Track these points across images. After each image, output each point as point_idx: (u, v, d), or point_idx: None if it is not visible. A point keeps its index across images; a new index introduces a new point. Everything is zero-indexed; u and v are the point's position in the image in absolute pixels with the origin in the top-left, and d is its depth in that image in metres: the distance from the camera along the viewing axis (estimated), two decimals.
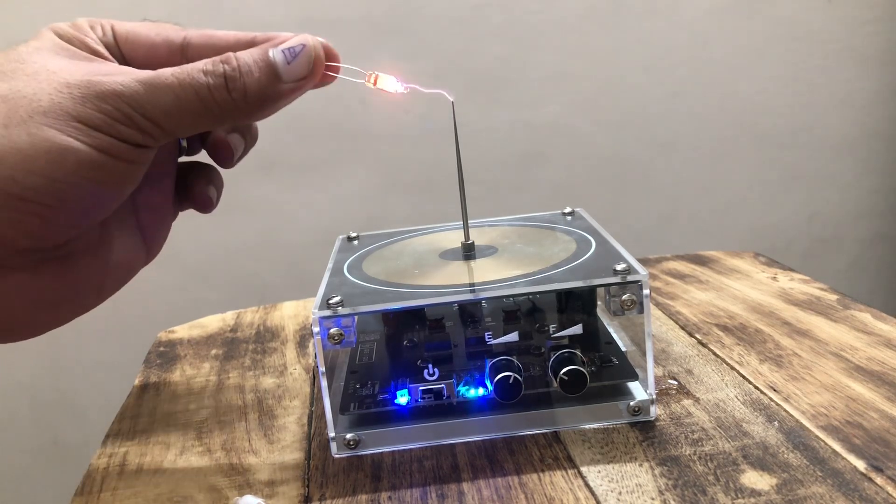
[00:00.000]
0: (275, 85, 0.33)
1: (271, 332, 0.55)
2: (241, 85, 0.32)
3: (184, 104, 0.31)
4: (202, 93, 0.31)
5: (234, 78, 0.32)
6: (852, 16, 1.07)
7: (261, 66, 0.32)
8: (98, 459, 0.38)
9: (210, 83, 0.31)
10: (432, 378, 0.36)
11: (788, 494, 0.29)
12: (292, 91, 0.33)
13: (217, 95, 0.32)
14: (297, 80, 0.33)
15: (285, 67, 0.33)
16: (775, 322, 0.47)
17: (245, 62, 0.32)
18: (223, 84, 0.32)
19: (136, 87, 0.31)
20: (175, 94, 0.31)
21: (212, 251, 1.05)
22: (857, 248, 1.16)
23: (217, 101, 0.32)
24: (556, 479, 0.32)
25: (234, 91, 0.32)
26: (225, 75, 0.32)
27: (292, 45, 0.33)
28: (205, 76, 0.32)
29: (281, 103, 0.34)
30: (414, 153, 1.04)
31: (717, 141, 1.09)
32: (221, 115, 0.32)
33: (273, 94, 0.33)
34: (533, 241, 0.44)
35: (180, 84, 0.31)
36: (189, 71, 0.32)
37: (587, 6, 1.03)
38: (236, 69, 0.32)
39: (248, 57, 0.33)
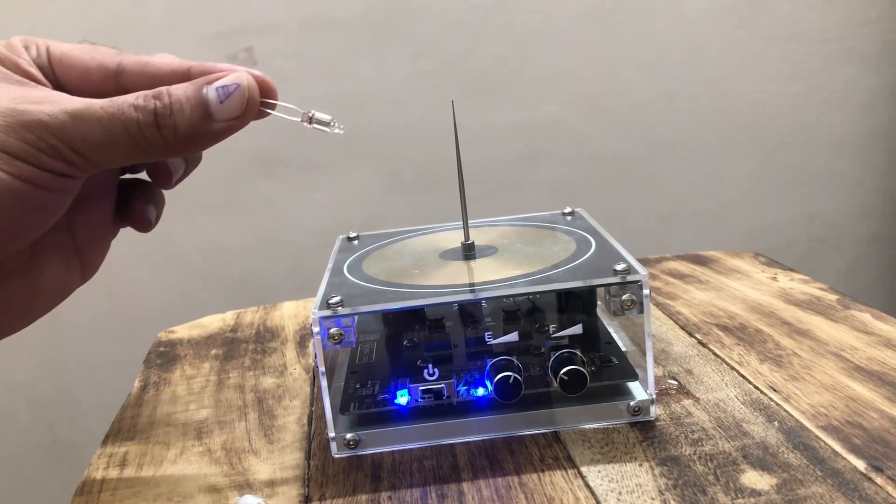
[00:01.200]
0: (206, 123, 0.32)
1: (271, 332, 0.55)
2: (171, 122, 0.31)
3: (112, 138, 0.30)
4: (131, 128, 0.31)
5: (165, 115, 0.31)
6: (852, 16, 1.07)
7: (193, 104, 0.32)
8: (98, 459, 0.38)
9: (140, 119, 0.31)
10: (432, 378, 0.36)
11: (788, 494, 0.29)
12: (224, 130, 0.33)
13: (146, 132, 0.31)
14: (229, 120, 0.32)
15: (217, 106, 0.32)
16: (775, 322, 0.47)
17: (177, 98, 0.31)
18: (153, 121, 0.31)
19: (63, 118, 0.30)
20: (103, 128, 0.30)
21: (212, 251, 1.05)
22: (857, 248, 1.16)
23: (146, 138, 0.31)
24: (556, 479, 0.32)
25: (163, 128, 0.31)
26: (155, 112, 0.31)
27: (226, 84, 0.32)
28: (135, 111, 0.31)
29: (212, 142, 0.33)
30: (414, 153, 1.04)
31: (716, 141, 1.09)
32: (150, 151, 0.32)
33: (204, 132, 0.32)
34: (533, 241, 0.44)
35: (109, 118, 0.30)
36: (120, 104, 0.31)
37: (587, 6, 1.03)
38: (167, 106, 0.31)
39: (180, 93, 0.32)
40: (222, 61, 0.89)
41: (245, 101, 0.33)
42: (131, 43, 0.99)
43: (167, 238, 1.03)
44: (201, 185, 1.06)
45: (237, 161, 1.02)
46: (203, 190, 1.03)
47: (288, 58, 1.00)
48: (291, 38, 1.00)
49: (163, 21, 0.99)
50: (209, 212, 1.03)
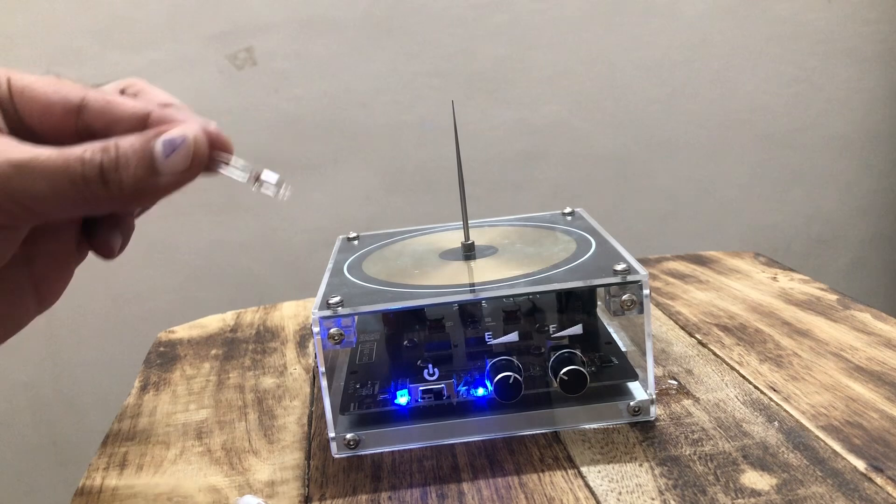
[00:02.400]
0: (152, 178, 0.31)
1: (271, 332, 0.55)
2: (117, 178, 0.31)
3: (57, 191, 0.30)
4: (77, 182, 0.30)
5: (111, 169, 0.30)
6: (852, 16, 1.07)
7: (139, 158, 0.31)
8: (98, 459, 0.38)
9: (86, 173, 0.30)
10: (432, 378, 0.36)
11: (788, 494, 0.29)
12: (170, 185, 0.32)
13: (92, 186, 0.30)
14: (175, 174, 0.32)
15: (163, 160, 0.31)
16: (775, 322, 0.47)
17: (124, 152, 0.31)
18: (98, 175, 0.30)
19: (6, 170, 0.29)
20: (49, 181, 0.30)
21: (212, 251, 1.05)
22: (857, 248, 1.16)
23: (92, 192, 0.30)
24: (556, 479, 0.32)
25: (109, 183, 0.30)
26: (101, 166, 0.30)
27: (172, 137, 0.32)
28: (82, 165, 0.30)
29: (159, 196, 0.32)
30: (414, 153, 1.04)
31: (717, 141, 1.09)
32: (96, 205, 0.31)
33: (149, 187, 0.31)
34: (533, 241, 0.44)
35: (55, 171, 0.30)
36: (67, 157, 0.30)
37: (587, 6, 1.03)
38: (114, 160, 0.30)
39: (128, 146, 0.31)
40: (222, 61, 0.90)
41: (191, 156, 0.32)
42: (131, 43, 0.99)
43: (167, 238, 1.03)
44: (201, 185, 1.06)
45: None
46: (203, 190, 1.02)
47: (288, 58, 1.00)
48: (291, 38, 1.00)
49: (163, 21, 0.99)
50: (209, 212, 1.03)
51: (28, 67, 1.03)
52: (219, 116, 0.81)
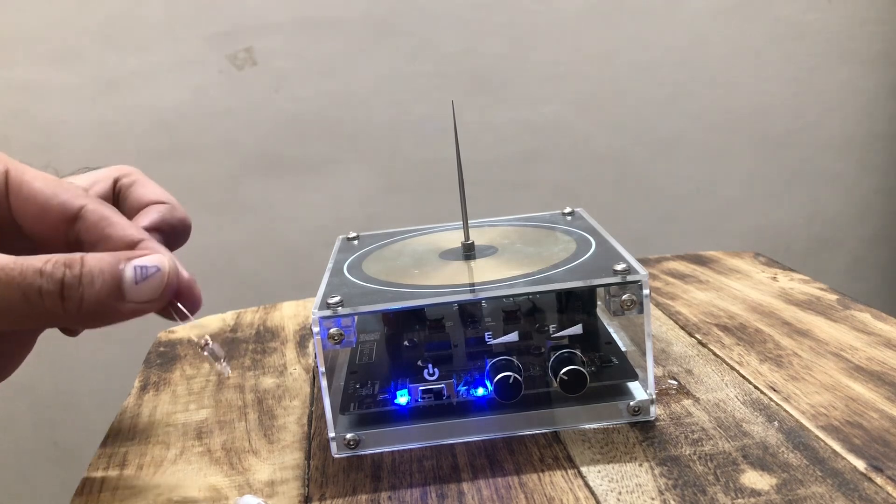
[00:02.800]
0: (115, 302, 0.30)
1: (271, 332, 0.55)
2: (77, 294, 0.29)
3: (8, 304, 0.28)
4: (31, 296, 0.28)
5: (73, 286, 0.29)
6: (852, 16, 1.07)
7: (105, 279, 0.29)
8: (98, 460, 0.38)
9: (42, 286, 0.28)
10: (432, 378, 0.36)
11: (788, 494, 0.29)
12: (131, 312, 0.30)
13: (47, 302, 0.28)
14: (140, 303, 0.30)
15: (132, 286, 0.30)
16: (775, 322, 0.47)
17: (89, 270, 0.29)
18: (58, 291, 0.29)
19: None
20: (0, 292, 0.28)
21: (212, 251, 1.05)
22: (857, 248, 1.16)
23: (45, 307, 0.29)
24: (556, 479, 0.32)
25: (67, 300, 0.29)
26: (63, 281, 0.29)
27: (146, 265, 0.30)
28: (40, 277, 0.28)
29: (114, 321, 0.31)
30: (414, 153, 1.04)
31: (717, 141, 1.09)
32: (47, 321, 0.30)
33: (110, 310, 0.30)
34: (533, 241, 0.43)
35: (8, 282, 0.28)
36: (25, 268, 0.28)
37: (587, 6, 1.03)
38: (77, 276, 0.29)
39: (94, 263, 0.29)
40: (222, 61, 0.90)
41: (162, 288, 0.30)
42: (131, 43, 0.99)
43: None
44: (201, 185, 1.06)
45: (237, 161, 1.02)
46: (203, 190, 1.03)
47: (288, 58, 1.00)
48: (291, 38, 1.00)
49: (163, 21, 0.99)
50: (209, 212, 1.03)
51: (28, 67, 1.03)
52: (219, 116, 0.81)
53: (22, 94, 1.00)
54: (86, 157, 1.02)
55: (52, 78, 1.00)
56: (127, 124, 1.01)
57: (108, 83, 1.00)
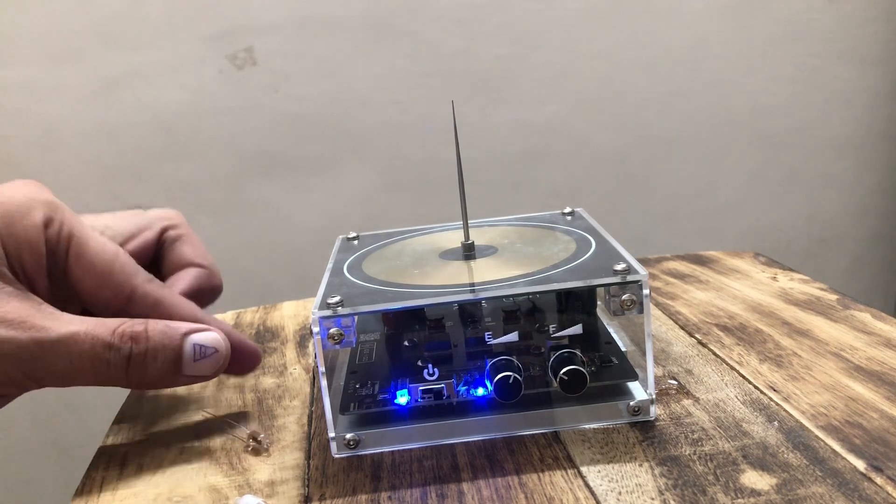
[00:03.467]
0: (171, 374, 0.32)
1: (271, 332, 0.55)
2: (141, 369, 0.31)
3: (74, 371, 0.30)
4: (99, 367, 0.30)
5: (138, 362, 0.31)
6: (852, 16, 1.07)
7: (167, 354, 0.32)
8: (98, 459, 0.38)
9: (111, 360, 0.30)
10: (432, 378, 0.36)
11: (788, 494, 0.29)
12: (183, 383, 0.33)
13: (113, 372, 0.31)
14: (195, 377, 0.33)
15: (190, 363, 0.32)
16: (775, 322, 0.47)
17: (154, 347, 0.31)
18: (124, 364, 0.31)
19: (31, 349, 0.29)
20: (70, 361, 0.30)
21: (212, 251, 1.04)
22: (857, 248, 1.16)
23: (110, 376, 0.31)
24: (556, 479, 0.32)
25: (132, 374, 0.31)
26: (130, 357, 0.31)
27: (205, 344, 0.32)
28: (108, 351, 0.30)
29: (168, 387, 0.34)
30: (414, 153, 1.04)
31: (717, 141, 1.09)
32: (107, 383, 0.32)
33: (167, 381, 0.32)
34: (533, 241, 0.44)
35: (80, 353, 0.30)
36: (94, 341, 0.30)
37: (587, 6, 1.03)
38: (142, 353, 0.31)
39: (159, 339, 0.31)
40: (222, 61, 0.90)
41: (217, 367, 0.33)
42: (131, 43, 0.99)
43: None
44: (201, 185, 1.06)
45: (237, 161, 1.02)
46: (203, 190, 1.03)
47: (288, 58, 1.00)
48: (291, 38, 1.00)
49: (162, 21, 0.99)
50: (209, 212, 1.03)
51: (27, 68, 1.03)
52: (219, 116, 0.82)
53: (22, 94, 1.00)
54: (86, 156, 1.02)
55: (52, 78, 1.00)
56: (127, 124, 1.01)
57: (108, 83, 1.00)
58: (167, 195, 1.01)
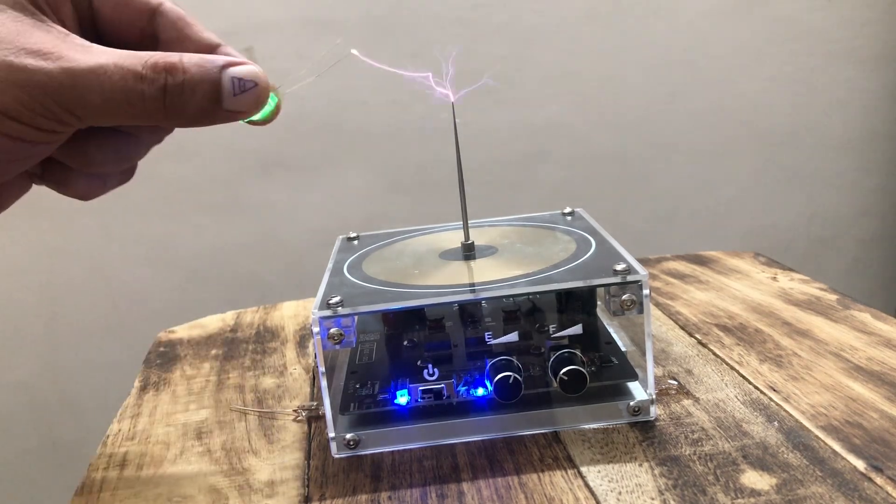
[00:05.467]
0: (211, 108, 0.31)
1: (271, 332, 0.55)
2: (179, 102, 0.30)
3: (110, 104, 0.29)
4: (133, 99, 0.30)
5: (175, 94, 0.30)
6: (852, 16, 1.07)
7: (206, 89, 0.31)
8: (98, 459, 0.38)
9: (145, 91, 0.30)
10: (432, 378, 0.36)
11: (788, 494, 0.29)
12: (223, 118, 0.32)
13: (150, 105, 0.30)
14: (235, 112, 0.32)
15: (230, 97, 0.31)
16: (775, 322, 0.47)
17: (191, 79, 0.30)
18: (160, 96, 0.30)
19: (61, 78, 0.29)
20: (102, 93, 0.29)
21: (212, 251, 1.05)
22: (857, 248, 1.16)
23: (147, 109, 0.30)
24: (556, 479, 0.32)
25: (170, 105, 0.30)
26: (165, 87, 0.30)
27: (244, 78, 0.31)
28: (141, 82, 0.29)
29: (208, 125, 0.32)
30: (414, 153, 1.04)
31: (717, 141, 1.09)
32: (146, 119, 0.31)
33: (205, 116, 0.31)
34: (533, 241, 0.44)
35: (111, 85, 0.29)
36: (125, 73, 0.29)
37: (587, 6, 1.03)
38: (180, 85, 0.30)
39: (196, 72, 0.30)
40: None
41: (257, 101, 0.32)
42: None
43: (167, 238, 1.03)
44: (201, 185, 1.06)
45: (237, 161, 1.02)
46: (203, 190, 1.03)
47: (288, 58, 1.00)
48: (291, 38, 1.00)
49: None
50: (209, 212, 1.03)
51: None
52: None
53: None
54: None
55: None
56: None
57: None
58: (167, 195, 1.01)
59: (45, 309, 1.05)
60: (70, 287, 1.04)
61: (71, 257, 1.03)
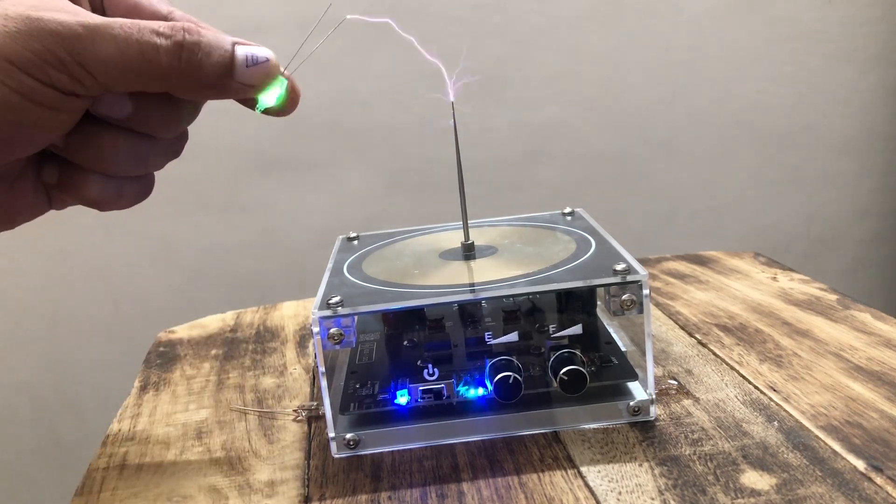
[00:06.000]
0: (223, 77, 0.32)
1: (271, 332, 0.55)
2: (195, 59, 0.31)
3: (125, 59, 0.30)
4: (148, 53, 0.30)
5: (191, 51, 0.31)
6: (852, 16, 1.07)
7: (221, 54, 0.31)
8: (98, 459, 0.38)
9: (161, 45, 0.30)
10: (432, 378, 0.36)
11: (788, 494, 0.29)
12: (234, 91, 0.33)
13: (164, 60, 0.30)
14: (244, 85, 0.33)
15: (242, 68, 0.32)
16: (775, 322, 0.47)
17: (207, 42, 0.31)
18: (176, 52, 0.30)
19: (77, 29, 0.29)
20: (118, 47, 0.29)
21: (212, 251, 1.05)
22: (857, 248, 1.16)
23: (161, 66, 0.30)
24: (556, 479, 0.32)
25: (184, 62, 0.31)
26: (183, 43, 0.30)
27: (256, 54, 0.33)
28: (157, 37, 0.30)
29: (217, 96, 0.33)
30: (414, 153, 1.04)
31: (717, 141, 1.09)
32: (160, 80, 0.31)
33: (218, 83, 0.32)
34: (533, 241, 0.44)
35: (126, 38, 0.29)
36: (141, 27, 0.30)
37: (587, 6, 1.03)
38: (196, 43, 0.31)
39: (212, 37, 0.31)
40: None
41: (268, 76, 0.33)
42: None
43: (167, 238, 1.03)
44: (201, 185, 1.06)
45: (237, 161, 1.02)
46: (203, 190, 1.03)
47: (288, 58, 1.00)
48: (291, 38, 1.00)
49: None
50: (209, 212, 1.03)
51: None
52: (219, 116, 0.82)
53: None
54: None
55: None
56: None
57: None
58: (168, 195, 1.01)
59: (46, 309, 1.05)
60: (70, 287, 1.04)
61: (72, 257, 1.03)
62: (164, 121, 0.34)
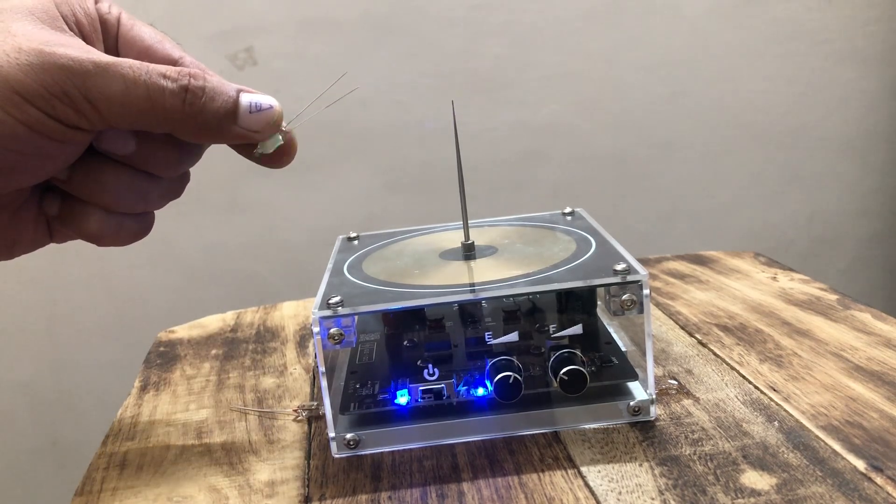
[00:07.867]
0: (227, 122, 0.33)
1: (271, 332, 0.55)
2: (199, 103, 0.32)
3: (131, 98, 0.31)
4: (154, 94, 0.31)
5: (196, 95, 0.32)
6: (852, 16, 1.07)
7: (225, 99, 0.33)
8: (98, 459, 0.38)
9: (167, 88, 0.31)
10: (432, 378, 0.36)
11: (788, 494, 0.29)
12: (235, 137, 0.34)
13: (169, 102, 0.31)
14: (248, 130, 0.34)
15: (245, 114, 0.33)
16: (775, 322, 0.47)
17: (212, 87, 0.32)
18: (181, 94, 0.31)
19: (87, 66, 0.30)
20: (125, 85, 0.30)
21: (212, 251, 1.05)
22: (857, 248, 1.16)
23: (166, 107, 0.31)
24: (556, 479, 0.32)
25: (188, 105, 0.32)
26: (188, 87, 0.32)
27: (260, 102, 0.34)
28: (163, 79, 0.31)
29: (221, 140, 0.34)
30: (414, 153, 1.04)
31: (717, 141, 1.09)
32: (164, 121, 0.32)
33: (222, 128, 0.33)
34: (533, 241, 0.44)
35: (135, 78, 0.31)
36: (149, 69, 0.31)
37: (587, 6, 1.03)
38: (201, 88, 0.32)
39: (217, 83, 0.33)
40: (222, 61, 0.90)
41: (271, 123, 0.34)
42: None
43: (167, 238, 1.03)
44: (201, 185, 1.06)
45: (237, 161, 1.01)
46: (203, 190, 1.03)
47: (288, 58, 1.00)
48: (291, 38, 1.00)
49: (163, 21, 0.99)
50: (209, 212, 1.03)
51: None
52: None
53: None
54: None
55: None
56: None
57: None
58: None
59: (46, 309, 1.05)
60: (70, 287, 1.04)
61: (71, 257, 1.03)
62: (165, 160, 0.35)
